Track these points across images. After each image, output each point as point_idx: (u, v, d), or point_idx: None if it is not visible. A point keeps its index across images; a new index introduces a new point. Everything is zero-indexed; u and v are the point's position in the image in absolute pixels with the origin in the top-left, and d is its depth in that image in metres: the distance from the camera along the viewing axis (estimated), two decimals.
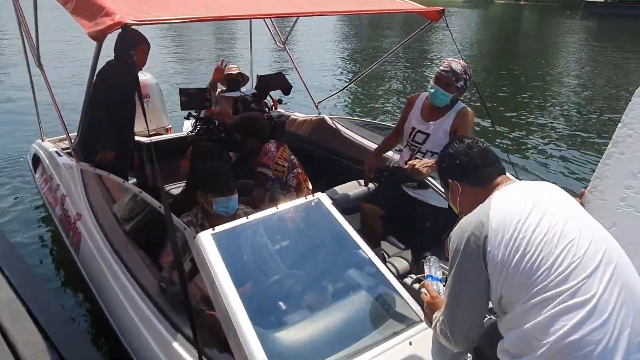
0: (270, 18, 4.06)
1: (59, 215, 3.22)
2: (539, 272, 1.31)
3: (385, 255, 3.07)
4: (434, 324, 1.67)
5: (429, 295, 1.84)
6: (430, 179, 2.70)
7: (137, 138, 4.40)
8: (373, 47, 16.30)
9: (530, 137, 7.56)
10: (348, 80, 10.69)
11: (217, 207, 2.26)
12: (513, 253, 1.35)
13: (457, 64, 2.69)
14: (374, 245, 3.16)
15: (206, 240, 1.88)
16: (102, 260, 2.47)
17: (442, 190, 2.52)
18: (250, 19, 3.10)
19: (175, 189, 4.04)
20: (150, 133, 5.07)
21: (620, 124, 1.75)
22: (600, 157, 1.81)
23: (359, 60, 13.93)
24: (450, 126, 2.74)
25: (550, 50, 17.75)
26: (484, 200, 1.52)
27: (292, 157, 3.22)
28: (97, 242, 2.56)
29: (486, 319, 1.65)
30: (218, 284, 1.76)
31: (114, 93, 3.08)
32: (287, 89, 3.93)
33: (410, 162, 2.53)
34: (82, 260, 2.75)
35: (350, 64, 13.58)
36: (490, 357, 1.54)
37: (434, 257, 2.02)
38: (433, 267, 1.97)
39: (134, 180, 4.06)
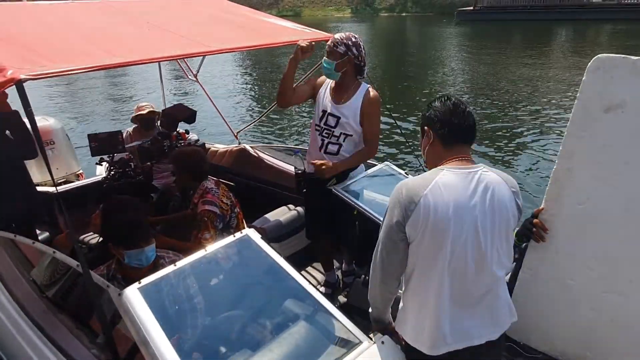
0: (177, 60, 4.03)
1: None
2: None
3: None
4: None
5: None
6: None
7: (43, 188, 4.11)
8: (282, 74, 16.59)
9: None
10: (263, 108, 10.81)
11: (129, 259, 2.16)
12: (430, 242, 1.58)
13: (341, 34, 2.70)
14: (330, 267, 3.28)
15: (133, 296, 1.80)
16: (19, 335, 2.25)
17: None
18: (157, 62, 3.05)
19: (94, 238, 3.81)
20: (59, 181, 4.82)
21: (576, 102, 1.82)
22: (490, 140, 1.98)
23: (272, 88, 14.14)
24: (360, 109, 2.72)
25: (434, 53, 19.96)
26: (442, 160, 1.66)
27: (231, 194, 3.15)
28: (11, 315, 2.33)
29: None
30: (152, 343, 1.68)
31: None
32: (192, 116, 3.89)
33: (313, 162, 2.71)
34: None
35: (263, 92, 13.79)
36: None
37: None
38: None
39: (46, 234, 3.78)
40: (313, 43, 2.75)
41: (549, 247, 2.00)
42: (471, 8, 34.85)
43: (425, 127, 1.73)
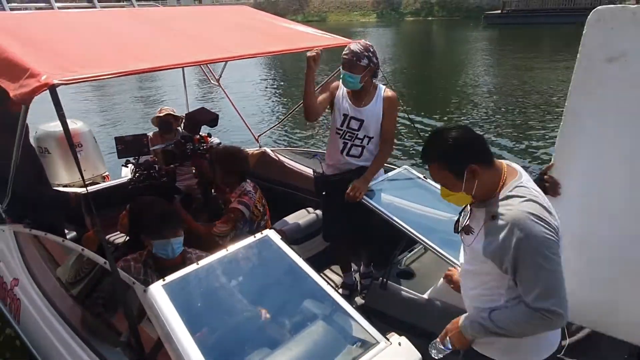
0: (201, 65, 4.13)
1: None
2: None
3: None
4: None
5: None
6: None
7: (72, 189, 4.25)
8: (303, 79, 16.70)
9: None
10: (284, 112, 10.91)
11: (155, 249, 2.29)
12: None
13: (356, 45, 2.73)
14: (348, 269, 3.31)
15: (158, 292, 1.87)
16: (47, 328, 2.35)
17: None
18: (182, 67, 3.15)
19: (119, 238, 3.92)
20: (86, 182, 4.96)
21: (578, 55, 1.84)
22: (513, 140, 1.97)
23: (293, 92, 14.24)
24: (382, 111, 2.81)
25: (461, 58, 19.73)
26: (499, 179, 1.58)
27: (265, 202, 3.19)
28: (40, 309, 2.43)
29: None
30: (175, 338, 1.74)
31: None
32: (214, 120, 3.97)
33: (347, 194, 2.74)
34: (25, 328, 2.59)
35: (284, 96, 13.90)
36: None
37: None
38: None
39: (74, 233, 3.90)
40: (319, 50, 2.81)
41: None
42: (499, 11, 34.34)
43: (472, 165, 1.55)
